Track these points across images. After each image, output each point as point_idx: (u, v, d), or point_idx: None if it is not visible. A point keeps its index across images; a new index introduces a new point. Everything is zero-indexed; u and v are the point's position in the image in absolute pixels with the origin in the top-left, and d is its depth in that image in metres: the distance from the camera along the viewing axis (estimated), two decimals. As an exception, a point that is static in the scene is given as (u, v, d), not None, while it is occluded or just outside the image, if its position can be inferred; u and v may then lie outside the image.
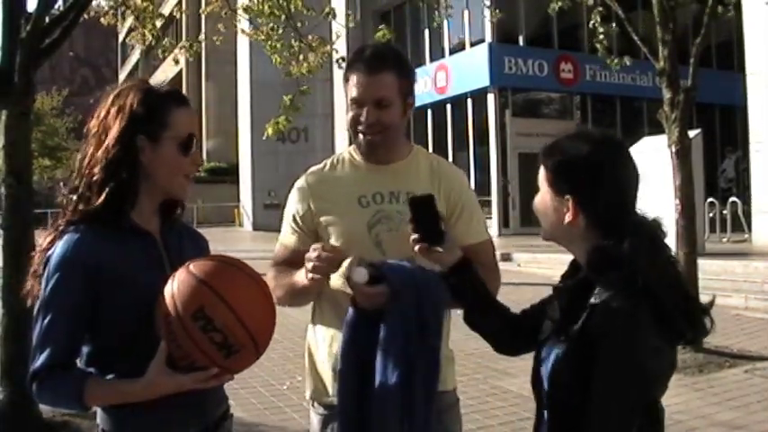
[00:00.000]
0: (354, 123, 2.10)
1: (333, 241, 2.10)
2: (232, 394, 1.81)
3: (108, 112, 1.72)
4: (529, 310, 1.81)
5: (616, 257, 1.48)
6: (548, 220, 1.64)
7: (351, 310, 1.95)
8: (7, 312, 4.62)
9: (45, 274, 1.64)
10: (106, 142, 1.69)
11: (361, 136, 2.11)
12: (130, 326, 1.65)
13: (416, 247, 1.86)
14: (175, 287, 1.58)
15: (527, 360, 1.91)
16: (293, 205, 2.20)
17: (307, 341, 2.23)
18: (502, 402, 5.32)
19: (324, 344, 2.14)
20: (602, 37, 8.09)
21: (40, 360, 1.62)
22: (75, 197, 1.71)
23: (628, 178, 1.59)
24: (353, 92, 2.08)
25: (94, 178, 1.68)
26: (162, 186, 1.76)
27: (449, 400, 2.14)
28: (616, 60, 8.54)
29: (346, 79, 2.11)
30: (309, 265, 1.90)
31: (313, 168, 2.27)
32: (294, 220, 2.18)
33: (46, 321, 1.62)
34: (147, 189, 1.74)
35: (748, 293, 8.56)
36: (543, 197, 1.63)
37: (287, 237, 2.20)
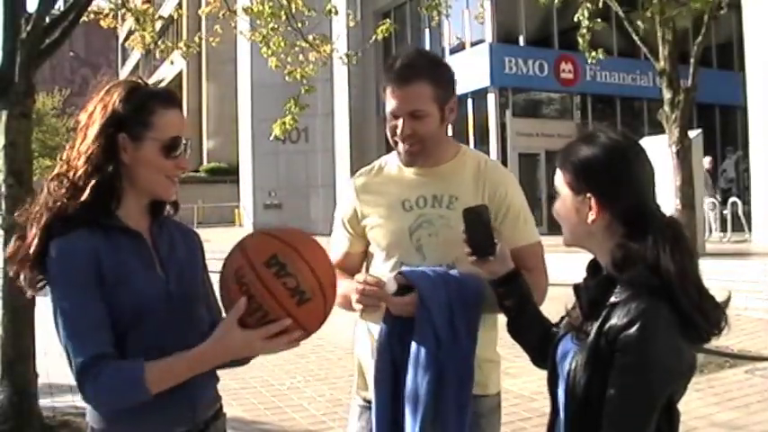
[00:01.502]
0: (392, 134, 2.11)
1: (376, 245, 2.14)
2: (232, 394, 1.81)
3: (95, 108, 1.69)
4: (559, 321, 1.79)
5: (640, 254, 1.49)
6: (570, 223, 1.63)
7: (385, 316, 2.00)
8: (7, 312, 4.61)
9: (51, 278, 1.60)
10: (88, 137, 1.67)
11: (400, 146, 2.11)
12: (122, 326, 1.63)
13: (469, 259, 1.87)
14: (245, 244, 1.62)
15: (527, 360, 1.91)
16: (341, 208, 2.24)
17: (354, 336, 2.29)
18: (502, 402, 5.31)
19: (365, 340, 2.18)
20: (584, 31, 8.06)
21: (83, 354, 1.55)
22: (56, 183, 1.67)
23: (645, 173, 1.60)
24: (388, 104, 2.08)
25: (78, 173, 1.66)
26: (143, 187, 1.72)
27: (489, 404, 2.14)
28: (594, 54, 8.51)
29: (383, 88, 2.11)
30: (355, 296, 1.96)
31: (362, 171, 2.29)
32: (342, 223, 2.22)
33: (71, 321, 1.57)
34: (131, 189, 1.71)
35: (748, 293, 8.55)
36: (563, 200, 1.63)
37: (337, 239, 2.25)
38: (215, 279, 1.72)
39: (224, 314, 1.64)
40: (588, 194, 1.57)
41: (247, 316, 1.56)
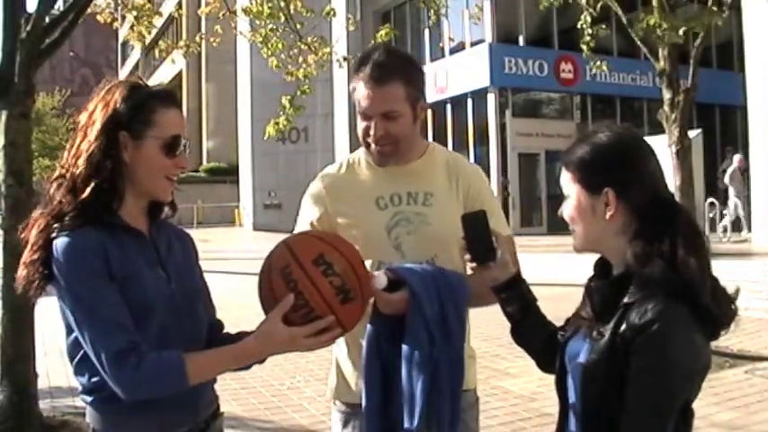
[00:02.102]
0: (365, 135, 2.07)
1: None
2: (232, 394, 1.81)
3: (95, 107, 1.70)
4: (565, 324, 1.75)
5: (656, 247, 1.47)
6: (585, 223, 1.59)
7: (372, 314, 1.92)
8: (7, 312, 4.62)
9: (62, 273, 1.58)
10: (89, 136, 1.67)
11: (372, 146, 2.06)
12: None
13: (470, 266, 1.83)
14: (290, 243, 1.68)
15: (527, 360, 1.90)
16: (309, 208, 2.15)
17: None
18: (502, 402, 5.31)
19: (345, 343, 2.12)
20: (588, 38, 8.09)
21: (116, 343, 1.53)
22: (56, 185, 1.68)
23: (654, 162, 1.58)
24: (360, 104, 2.03)
25: (78, 171, 1.66)
26: (143, 186, 1.72)
27: (469, 399, 2.12)
28: (598, 63, 8.57)
29: (353, 89, 2.05)
30: None
31: (327, 170, 2.23)
32: (311, 224, 2.12)
33: (95, 311, 1.56)
34: (131, 188, 1.71)
35: (748, 293, 8.55)
36: (577, 201, 1.59)
37: None
38: (214, 278, 1.73)
39: (262, 310, 1.66)
40: (606, 189, 1.54)
41: (292, 312, 1.60)
